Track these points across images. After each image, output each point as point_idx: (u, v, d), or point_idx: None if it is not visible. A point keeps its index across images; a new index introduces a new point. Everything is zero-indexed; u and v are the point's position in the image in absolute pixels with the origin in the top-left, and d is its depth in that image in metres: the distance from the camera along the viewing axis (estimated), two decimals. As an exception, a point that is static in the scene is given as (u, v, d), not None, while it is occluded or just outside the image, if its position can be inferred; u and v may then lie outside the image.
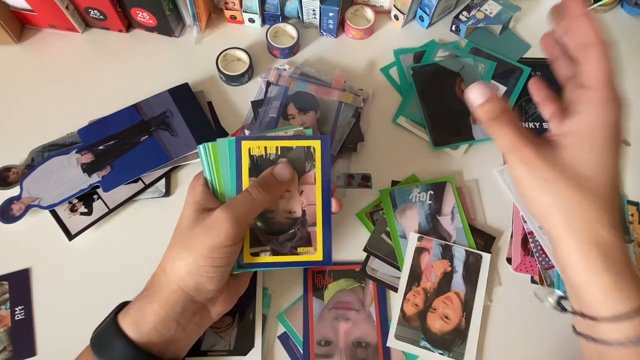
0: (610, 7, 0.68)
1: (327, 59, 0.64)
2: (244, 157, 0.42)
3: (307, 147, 0.43)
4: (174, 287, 0.39)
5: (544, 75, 0.63)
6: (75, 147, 0.55)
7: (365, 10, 0.65)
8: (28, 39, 0.64)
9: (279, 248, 0.43)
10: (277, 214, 0.43)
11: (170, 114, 0.57)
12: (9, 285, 0.50)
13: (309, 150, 0.43)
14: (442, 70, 0.61)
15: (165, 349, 0.39)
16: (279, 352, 0.48)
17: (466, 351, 0.47)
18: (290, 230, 0.43)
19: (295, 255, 0.43)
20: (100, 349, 0.38)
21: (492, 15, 0.64)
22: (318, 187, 0.43)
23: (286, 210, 0.43)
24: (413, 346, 0.47)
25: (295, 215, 0.43)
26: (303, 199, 0.43)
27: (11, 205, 0.52)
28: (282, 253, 0.43)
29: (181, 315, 0.39)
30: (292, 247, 0.43)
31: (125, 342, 0.37)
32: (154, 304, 0.39)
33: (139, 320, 0.38)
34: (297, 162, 0.43)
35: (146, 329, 0.38)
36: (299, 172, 0.43)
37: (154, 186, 0.55)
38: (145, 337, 0.38)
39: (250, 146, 0.42)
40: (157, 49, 0.64)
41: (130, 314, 0.39)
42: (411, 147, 0.58)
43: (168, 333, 0.39)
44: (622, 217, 0.36)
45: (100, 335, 0.39)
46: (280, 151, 0.43)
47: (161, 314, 0.38)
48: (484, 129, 0.57)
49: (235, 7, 0.63)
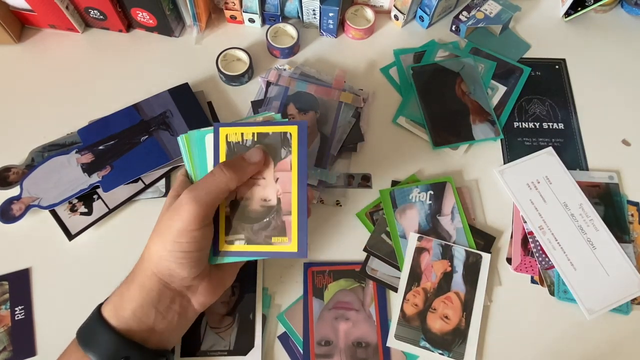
0: (610, 7, 0.68)
1: (327, 59, 0.64)
2: (222, 143, 0.42)
3: (284, 132, 0.42)
4: (149, 272, 0.39)
5: (544, 75, 0.63)
6: (75, 147, 0.55)
7: (365, 10, 0.65)
8: (28, 39, 0.64)
9: (253, 237, 0.41)
10: (251, 201, 0.42)
11: (170, 114, 0.57)
12: (9, 285, 0.50)
13: (285, 137, 0.41)
14: (442, 70, 0.61)
15: (147, 337, 0.39)
16: (279, 352, 0.48)
17: (466, 351, 0.47)
18: (265, 219, 0.41)
19: (270, 245, 0.41)
20: (85, 339, 0.38)
21: (492, 15, 0.64)
22: (294, 175, 0.41)
23: (261, 197, 0.41)
24: (413, 346, 0.47)
25: (270, 204, 0.41)
26: (278, 187, 0.41)
27: (11, 205, 0.52)
28: (256, 242, 0.41)
29: (158, 301, 0.39)
30: (266, 237, 0.41)
31: (107, 329, 0.37)
32: (131, 290, 0.39)
33: (118, 307, 0.39)
34: (273, 148, 0.42)
35: (125, 315, 0.38)
36: (274, 158, 0.42)
37: (154, 186, 0.55)
38: (125, 324, 0.38)
39: (228, 132, 0.42)
40: (157, 49, 0.64)
41: (110, 300, 0.40)
42: (411, 147, 0.58)
43: (147, 320, 0.38)
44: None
45: (84, 327, 0.40)
46: (256, 137, 0.42)
47: (138, 300, 0.38)
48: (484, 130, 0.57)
49: (235, 7, 0.63)
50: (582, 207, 0.53)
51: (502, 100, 0.60)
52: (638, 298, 0.50)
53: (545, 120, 0.60)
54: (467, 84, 0.60)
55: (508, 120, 0.60)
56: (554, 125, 0.59)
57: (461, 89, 0.60)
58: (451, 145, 0.57)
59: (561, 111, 0.60)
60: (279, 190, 0.41)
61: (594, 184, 0.55)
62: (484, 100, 0.59)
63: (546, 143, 0.58)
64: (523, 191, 0.55)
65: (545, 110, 0.60)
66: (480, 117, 0.59)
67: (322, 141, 0.55)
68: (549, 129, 0.59)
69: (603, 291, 0.50)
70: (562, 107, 0.61)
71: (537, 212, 0.53)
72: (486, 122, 0.58)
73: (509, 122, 0.60)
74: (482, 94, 0.60)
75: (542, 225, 0.52)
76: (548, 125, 0.59)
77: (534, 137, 0.59)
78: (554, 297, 0.50)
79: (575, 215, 0.53)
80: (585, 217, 0.53)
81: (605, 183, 0.55)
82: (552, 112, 0.60)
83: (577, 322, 0.49)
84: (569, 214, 0.53)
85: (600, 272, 0.50)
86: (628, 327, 0.49)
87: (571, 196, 0.54)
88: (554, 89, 0.62)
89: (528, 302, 0.50)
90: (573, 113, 0.60)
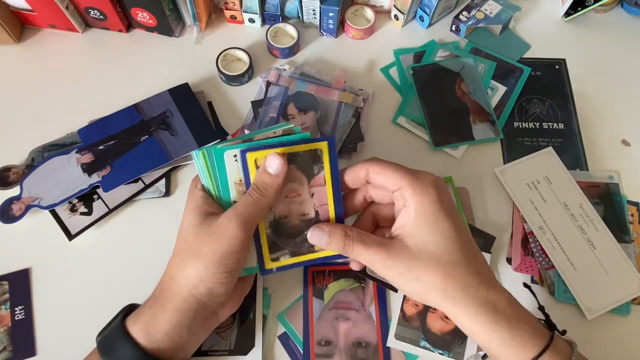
0: (610, 7, 0.68)
1: (327, 59, 0.64)
2: (251, 168, 0.41)
3: (314, 149, 0.42)
4: (186, 294, 0.39)
5: (544, 75, 0.63)
6: (75, 147, 0.55)
7: (365, 10, 0.65)
8: (28, 39, 0.64)
9: (297, 249, 0.43)
10: (290, 218, 0.43)
11: (170, 114, 0.57)
12: (9, 285, 0.50)
13: (316, 153, 0.42)
14: (442, 70, 0.61)
15: (174, 354, 0.39)
16: (279, 352, 0.48)
17: (466, 351, 0.47)
18: (306, 231, 0.43)
19: (313, 253, 0.44)
20: (109, 353, 0.38)
21: (492, 15, 0.64)
22: (329, 187, 0.43)
23: (299, 213, 0.43)
24: (413, 346, 0.47)
25: (309, 217, 0.43)
26: (315, 201, 0.43)
27: (11, 205, 0.52)
28: (301, 253, 0.43)
29: (193, 321, 0.39)
30: (309, 247, 0.43)
31: (135, 348, 0.37)
32: (167, 312, 0.39)
33: (150, 328, 0.38)
34: (306, 166, 0.42)
35: (158, 336, 0.38)
36: (308, 175, 0.43)
37: (154, 186, 0.55)
38: (156, 344, 0.38)
39: (256, 157, 0.41)
40: (157, 49, 0.64)
41: (141, 320, 0.39)
42: (411, 147, 0.58)
43: (179, 339, 0.39)
44: (488, 269, 0.39)
45: (108, 340, 0.39)
46: (287, 158, 0.41)
47: (174, 322, 0.38)
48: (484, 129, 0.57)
49: (235, 7, 0.63)
50: (582, 207, 0.53)
51: (502, 100, 0.60)
52: (638, 298, 0.50)
53: (545, 120, 0.60)
54: (467, 84, 0.60)
55: (508, 120, 0.60)
56: (554, 125, 0.59)
57: (461, 89, 0.60)
58: (451, 145, 0.57)
59: (561, 111, 0.60)
60: (315, 203, 0.43)
61: (594, 184, 0.55)
62: (484, 100, 0.59)
63: (546, 143, 0.58)
64: (523, 191, 0.55)
65: (545, 110, 0.60)
66: (480, 117, 0.59)
67: (322, 141, 0.55)
68: (549, 129, 0.59)
69: (603, 291, 0.49)
70: (562, 107, 0.61)
71: (537, 212, 0.53)
72: (486, 122, 0.58)
73: (509, 122, 0.60)
74: (482, 94, 0.60)
75: (542, 225, 0.52)
76: (548, 125, 0.59)
77: (534, 137, 0.59)
78: (554, 297, 0.50)
79: (575, 215, 0.53)
80: (585, 217, 0.53)
81: (605, 183, 0.55)
82: (552, 112, 0.60)
83: (577, 322, 0.49)
84: (569, 214, 0.53)
85: (600, 272, 0.50)
86: (628, 327, 0.49)
87: (571, 196, 0.54)
88: (554, 89, 0.62)
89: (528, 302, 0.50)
90: (573, 113, 0.60)
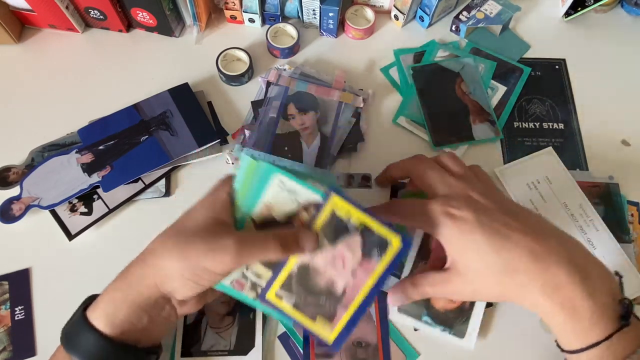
0: (610, 7, 0.68)
1: (327, 59, 0.64)
2: (326, 212, 0.39)
3: (386, 238, 0.40)
4: (151, 282, 0.38)
5: (544, 75, 0.63)
6: (75, 147, 0.55)
7: (365, 10, 0.65)
8: (28, 39, 0.64)
9: (302, 305, 0.41)
10: (320, 276, 0.40)
11: (170, 114, 0.57)
12: (9, 285, 0.50)
13: (384, 243, 0.40)
14: (442, 70, 0.61)
15: (139, 338, 0.39)
16: (279, 352, 0.48)
17: (468, 330, 0.47)
18: (322, 298, 0.41)
19: (311, 321, 0.41)
20: (72, 346, 0.38)
21: (492, 15, 0.64)
22: (371, 282, 0.40)
23: (329, 279, 0.40)
24: (414, 320, 0.48)
25: (334, 290, 0.40)
26: (351, 280, 0.40)
27: (11, 205, 0.52)
28: (302, 311, 0.41)
29: (152, 307, 0.38)
30: (313, 313, 0.40)
31: (98, 337, 0.37)
32: (128, 297, 0.38)
33: (110, 313, 0.38)
34: (368, 246, 0.40)
35: (118, 322, 0.37)
36: (364, 255, 0.40)
37: (154, 186, 0.55)
38: (119, 329, 0.37)
39: (336, 204, 0.39)
40: (157, 49, 0.64)
41: (100, 307, 0.38)
42: (411, 147, 0.58)
43: (139, 323, 0.38)
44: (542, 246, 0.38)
45: (69, 332, 0.39)
46: (361, 227, 0.40)
47: (133, 307, 0.38)
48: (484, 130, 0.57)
49: (235, 7, 0.63)
50: (582, 207, 0.53)
51: (502, 100, 0.60)
52: (638, 298, 0.50)
53: (545, 120, 0.60)
54: (467, 84, 0.60)
55: (508, 120, 0.60)
56: (554, 125, 0.59)
57: (461, 89, 0.60)
58: (451, 145, 0.57)
59: (561, 111, 0.60)
60: (349, 284, 0.40)
61: (594, 184, 0.55)
62: (484, 100, 0.59)
63: (546, 143, 0.58)
64: (523, 191, 0.55)
65: (545, 110, 0.60)
66: (480, 117, 0.59)
67: (322, 141, 0.55)
68: (549, 129, 0.59)
69: (603, 291, 0.49)
70: (562, 107, 0.61)
71: (538, 212, 0.53)
72: (486, 122, 0.58)
73: (509, 122, 0.60)
74: (482, 94, 0.60)
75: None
76: (548, 125, 0.59)
77: (534, 137, 0.59)
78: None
79: (575, 215, 0.53)
80: (585, 217, 0.53)
81: (605, 183, 0.55)
82: (552, 112, 0.60)
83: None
84: (569, 214, 0.53)
85: (600, 272, 0.50)
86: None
87: (571, 196, 0.54)
88: (554, 89, 0.62)
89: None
90: (573, 113, 0.60)
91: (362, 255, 0.40)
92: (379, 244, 0.40)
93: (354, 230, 0.40)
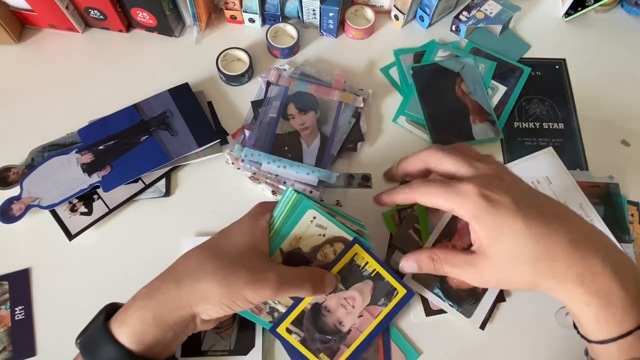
0: (610, 7, 0.68)
1: (327, 59, 0.64)
2: (347, 256, 0.44)
3: (394, 288, 0.45)
4: (185, 303, 0.38)
5: (544, 75, 0.63)
6: (75, 147, 0.55)
7: (365, 10, 0.65)
8: (28, 39, 0.64)
9: (309, 341, 0.44)
10: (330, 316, 0.44)
11: (170, 114, 0.57)
12: (9, 285, 0.50)
13: (392, 291, 0.45)
14: (442, 70, 0.61)
15: (161, 352, 0.39)
16: (279, 352, 0.48)
17: (476, 311, 0.48)
18: (329, 336, 0.44)
19: (315, 357, 0.44)
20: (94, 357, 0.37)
21: (492, 15, 0.64)
22: (374, 325, 0.45)
23: (339, 319, 0.45)
24: (426, 289, 0.49)
25: (341, 328, 0.45)
26: (357, 322, 0.45)
27: (11, 205, 0.52)
28: (308, 347, 0.44)
29: (179, 325, 0.39)
30: (318, 349, 0.44)
31: (122, 352, 0.37)
32: (159, 317, 0.38)
33: (138, 331, 0.37)
34: (378, 291, 0.45)
35: (146, 340, 0.37)
36: (372, 300, 0.45)
37: (154, 186, 0.55)
38: (144, 345, 0.37)
39: (357, 253, 0.45)
40: (157, 49, 0.64)
41: (129, 324, 0.38)
42: (411, 147, 0.58)
43: (165, 340, 0.39)
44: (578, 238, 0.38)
45: (91, 344, 0.38)
46: (374, 274, 0.45)
47: (164, 326, 0.38)
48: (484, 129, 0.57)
49: (235, 7, 0.63)
50: (582, 207, 0.53)
51: (502, 100, 0.60)
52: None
53: (545, 120, 0.60)
54: (467, 84, 0.60)
55: (508, 120, 0.60)
56: (554, 125, 0.59)
57: (461, 89, 0.60)
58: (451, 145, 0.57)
59: (561, 111, 0.60)
60: (356, 324, 0.45)
61: (594, 184, 0.55)
62: (484, 100, 0.59)
63: (546, 143, 0.58)
64: (523, 191, 0.54)
65: (545, 110, 0.60)
66: (480, 117, 0.59)
67: (322, 141, 0.55)
68: (549, 129, 0.59)
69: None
70: (562, 107, 0.61)
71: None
72: (486, 122, 0.58)
73: (509, 122, 0.60)
74: (482, 94, 0.60)
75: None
76: (548, 125, 0.59)
77: (534, 137, 0.59)
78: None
79: (575, 215, 0.53)
80: (585, 217, 0.53)
81: (605, 183, 0.55)
82: (552, 112, 0.60)
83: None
84: (569, 214, 0.53)
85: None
86: (628, 327, 0.49)
87: (571, 196, 0.54)
88: (554, 89, 0.62)
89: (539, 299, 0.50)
90: (573, 113, 0.60)
91: (371, 298, 0.45)
92: (386, 293, 0.45)
93: (368, 277, 0.45)
